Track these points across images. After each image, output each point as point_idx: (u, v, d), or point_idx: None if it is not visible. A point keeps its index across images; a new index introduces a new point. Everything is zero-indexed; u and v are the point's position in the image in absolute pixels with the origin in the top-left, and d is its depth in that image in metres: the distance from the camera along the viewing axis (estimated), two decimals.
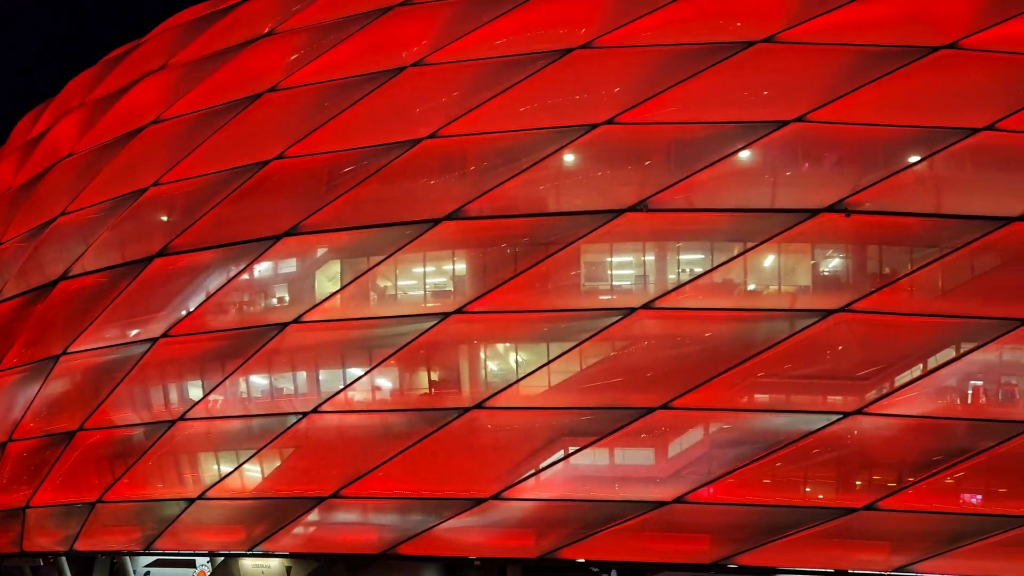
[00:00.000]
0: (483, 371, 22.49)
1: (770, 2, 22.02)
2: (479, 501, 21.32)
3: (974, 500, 21.08)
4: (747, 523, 20.99)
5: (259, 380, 23.96)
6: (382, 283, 23.06)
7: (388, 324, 22.55)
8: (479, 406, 21.39)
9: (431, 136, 22.08)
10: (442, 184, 22.83)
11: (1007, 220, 20.46)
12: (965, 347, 20.68)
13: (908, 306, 20.78)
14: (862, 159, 21.57)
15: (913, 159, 21.17)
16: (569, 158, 21.99)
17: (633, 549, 21.30)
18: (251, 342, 23.09)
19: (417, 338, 21.71)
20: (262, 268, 23.92)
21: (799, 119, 20.82)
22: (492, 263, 22.28)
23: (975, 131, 20.68)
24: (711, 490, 20.89)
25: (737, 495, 20.84)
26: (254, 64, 24.68)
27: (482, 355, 22.62)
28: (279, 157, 23.23)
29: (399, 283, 23.02)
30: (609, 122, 21.32)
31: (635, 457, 21.78)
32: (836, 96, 20.80)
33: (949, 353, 20.83)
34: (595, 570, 22.26)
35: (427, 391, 22.61)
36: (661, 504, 20.82)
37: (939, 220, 20.84)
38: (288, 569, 24.45)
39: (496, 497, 21.24)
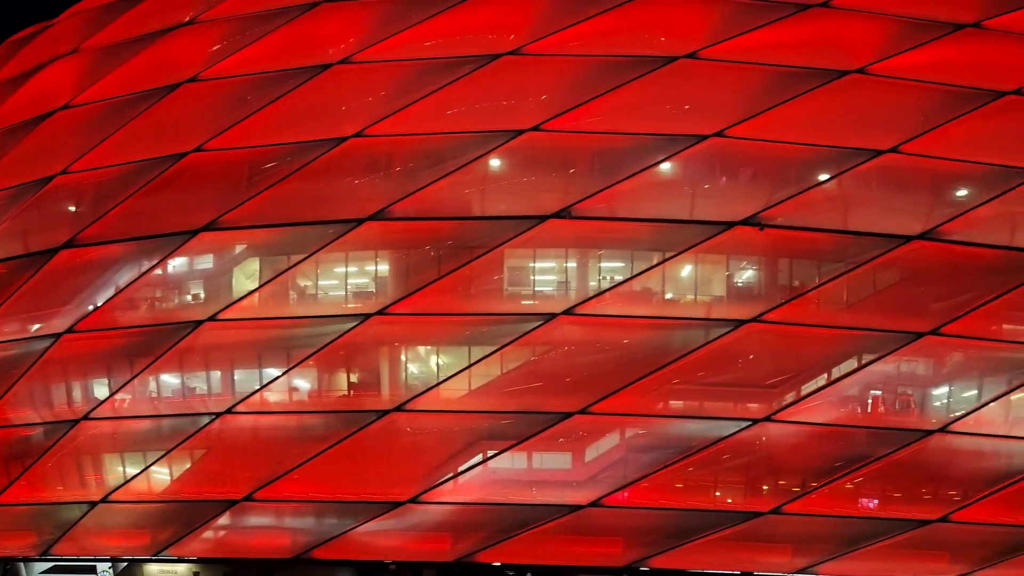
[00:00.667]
0: (403, 373, 22.40)
1: (693, 19, 22.66)
2: (396, 504, 21.21)
3: (871, 504, 22.17)
4: (660, 526, 21.55)
5: (170, 379, 23.20)
6: (302, 282, 22.69)
7: (308, 324, 22.21)
8: (399, 408, 21.28)
9: (357, 135, 21.84)
10: (367, 184, 22.65)
11: (907, 238, 21.64)
12: (866, 358, 21.76)
13: (815, 318, 21.71)
14: (776, 175, 22.43)
15: (823, 177, 22.14)
16: (495, 163, 22.12)
17: (549, 553, 21.56)
18: (163, 339, 22.35)
19: (337, 339, 21.43)
20: (177, 263, 23.18)
21: (718, 134, 21.51)
22: (415, 265, 22.20)
23: (880, 152, 21.81)
24: (626, 494, 21.33)
25: (651, 499, 21.36)
26: (173, 53, 23.91)
27: (403, 357, 22.52)
28: (197, 150, 22.57)
29: (320, 283, 22.68)
30: (535, 128, 21.54)
31: (553, 461, 22.06)
32: (753, 113, 21.58)
33: (852, 364, 21.87)
34: (511, 574, 22.41)
35: (346, 393, 22.37)
36: (577, 508, 21.14)
37: (846, 236, 21.83)
38: (195, 575, 23.74)
39: (414, 500, 21.17)
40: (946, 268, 22.09)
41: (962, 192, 22.61)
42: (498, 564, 21.85)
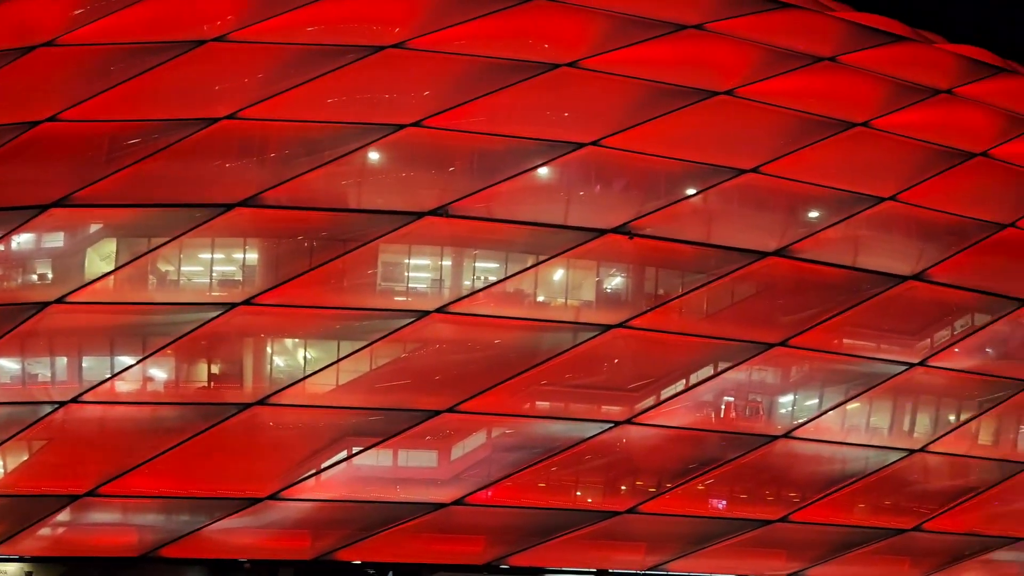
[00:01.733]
0: (268, 366, 21.69)
1: (576, 29, 23.14)
2: (254, 501, 20.50)
3: (720, 505, 23.40)
4: (521, 525, 21.89)
5: (9, 364, 21.47)
6: (163, 267, 21.54)
7: (167, 311, 21.11)
8: (261, 402, 20.57)
9: (230, 117, 20.94)
10: (238, 168, 21.77)
11: (763, 254, 23.01)
12: (722, 366, 22.94)
13: (677, 326, 22.68)
14: (647, 187, 23.30)
15: (690, 191, 23.19)
16: (374, 156, 21.82)
17: (411, 551, 21.44)
18: (2, 321, 20.66)
19: (198, 328, 20.46)
20: (22, 240, 21.49)
21: (594, 143, 22.10)
22: (286, 255, 21.54)
23: (742, 172, 23.06)
24: (490, 493, 21.52)
25: (514, 498, 21.65)
26: (29, 13, 22.12)
27: (268, 350, 21.82)
28: (51, 119, 20.97)
29: (183, 268, 21.62)
30: (416, 124, 21.39)
31: (418, 459, 21.97)
32: (629, 125, 22.33)
33: (708, 371, 23.00)
34: (371, 572, 22.15)
35: (206, 384, 21.40)
36: (441, 506, 21.14)
37: (708, 249, 22.94)
38: (28, 574, 22.07)
39: (273, 497, 20.53)
40: (796, 284, 23.64)
41: (813, 214, 24.22)
42: (358, 562, 21.55)
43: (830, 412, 23.83)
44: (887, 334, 24.52)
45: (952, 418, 25.28)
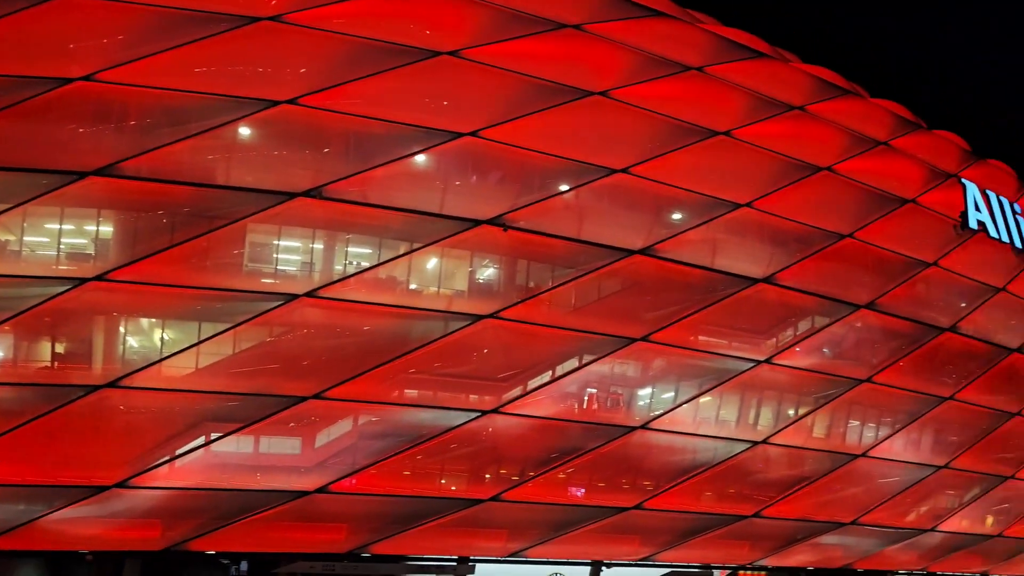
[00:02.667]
0: (121, 347, 20.33)
1: (458, 18, 23.10)
2: (100, 489, 19.21)
3: (579, 493, 24.12)
4: (385, 513, 21.73)
5: None
6: (4, 236, 19.77)
7: (6, 284, 19.36)
8: (112, 385, 19.28)
9: (85, 78, 19.42)
10: (94, 134, 20.21)
11: (629, 252, 23.86)
12: (587, 358, 23.63)
13: (546, 318, 23.13)
14: (522, 180, 23.62)
15: (563, 187, 23.70)
16: (245, 131, 20.90)
17: (269, 540, 20.84)
18: None
19: (43, 303, 18.89)
20: None
21: (472, 133, 22.16)
22: (145, 230, 20.25)
23: (613, 171, 23.79)
24: (354, 481, 21.23)
25: (378, 486, 21.46)
26: None
27: (122, 329, 20.47)
28: None
29: (26, 239, 19.86)
30: (292, 102, 20.67)
31: (281, 446, 21.34)
32: (507, 118, 22.54)
33: (573, 363, 23.62)
34: (225, 562, 21.34)
35: (49, 364, 19.82)
36: (303, 494, 20.64)
37: (578, 245, 23.51)
38: None
39: (121, 485, 19.33)
40: (659, 282, 24.67)
41: (677, 216, 25.36)
42: (212, 552, 20.72)
43: (684, 405, 25.07)
44: (738, 332, 26.03)
45: (791, 412, 27.16)
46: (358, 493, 21.37)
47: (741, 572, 28.95)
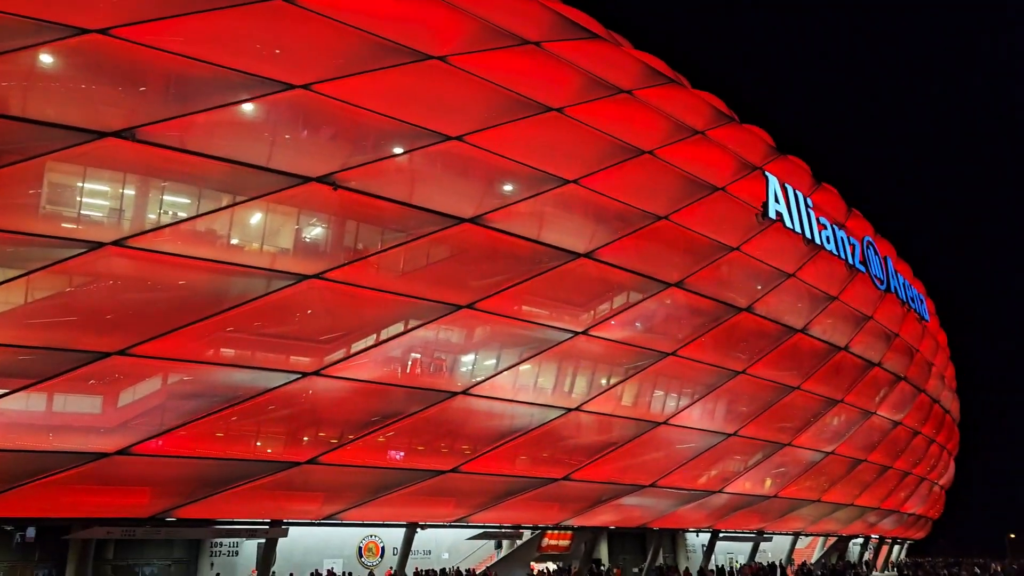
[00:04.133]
0: None
1: None
2: None
3: (398, 456, 24.13)
4: (194, 476, 20.76)
5: None
6: None
7: None
8: None
9: None
10: None
11: (460, 220, 23.93)
12: (412, 323, 23.56)
13: (373, 281, 22.78)
14: (355, 139, 22.95)
15: (397, 150, 23.33)
16: (47, 59, 18.96)
17: (61, 505, 19.39)
18: None
19: None
20: None
21: (306, 86, 21.31)
22: None
23: (448, 138, 23.70)
24: (160, 442, 20.09)
25: (188, 448, 20.43)
26: None
27: None
28: None
29: None
30: (103, 32, 18.97)
31: (79, 404, 19.80)
32: (342, 75, 21.83)
33: (399, 327, 23.48)
34: (9, 528, 19.60)
35: None
36: (102, 456, 19.31)
37: (409, 209, 23.26)
38: None
39: None
40: (487, 251, 24.94)
41: (508, 187, 25.68)
42: None
43: (505, 372, 25.61)
44: (560, 304, 26.88)
45: (604, 382, 28.46)
46: (165, 455, 20.25)
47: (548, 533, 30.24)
